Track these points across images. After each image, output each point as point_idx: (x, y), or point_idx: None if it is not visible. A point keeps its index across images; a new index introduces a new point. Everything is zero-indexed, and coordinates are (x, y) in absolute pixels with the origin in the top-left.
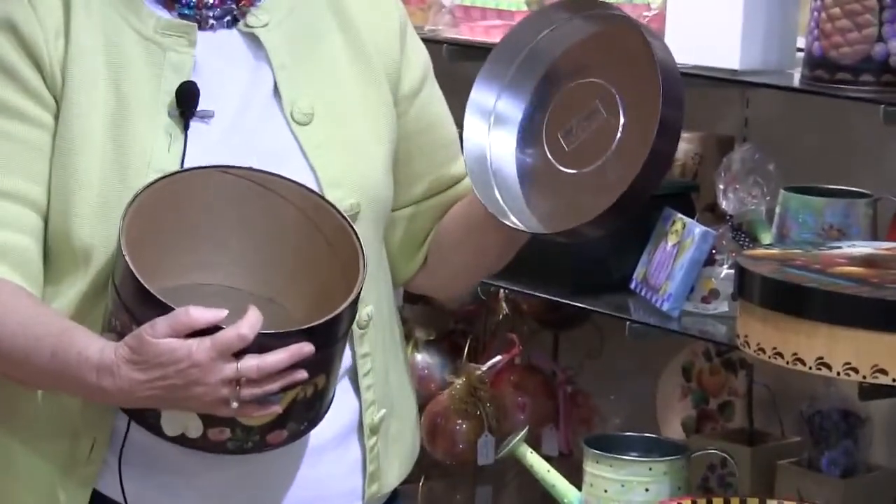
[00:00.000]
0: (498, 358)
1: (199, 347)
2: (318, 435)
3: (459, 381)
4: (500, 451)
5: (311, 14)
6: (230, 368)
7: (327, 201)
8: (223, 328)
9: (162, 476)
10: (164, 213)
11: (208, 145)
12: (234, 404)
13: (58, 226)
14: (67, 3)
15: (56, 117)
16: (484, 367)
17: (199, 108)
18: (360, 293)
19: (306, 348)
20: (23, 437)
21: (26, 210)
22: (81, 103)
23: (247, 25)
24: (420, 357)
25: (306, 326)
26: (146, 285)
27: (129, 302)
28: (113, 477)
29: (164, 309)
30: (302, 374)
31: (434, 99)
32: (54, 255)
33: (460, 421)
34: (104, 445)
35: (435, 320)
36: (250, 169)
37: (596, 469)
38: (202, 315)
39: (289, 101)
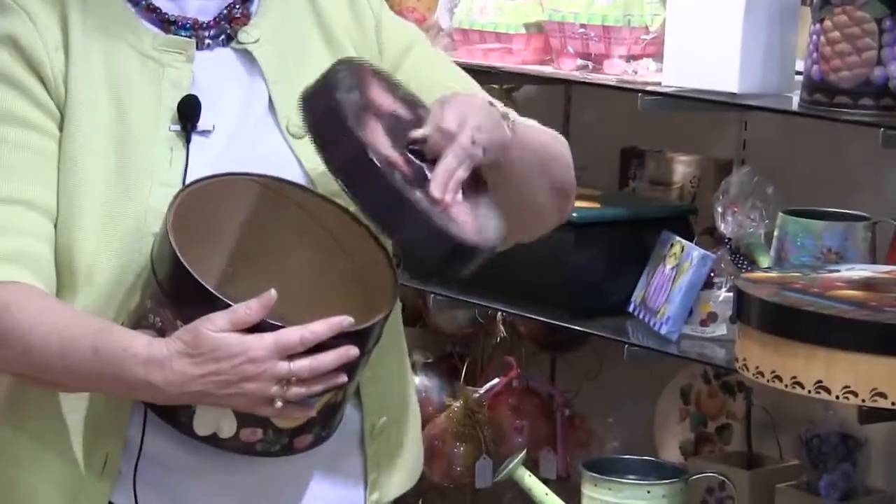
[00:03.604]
0: (496, 381)
1: (259, 344)
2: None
3: (457, 404)
4: (497, 474)
5: (298, 30)
6: (283, 367)
7: (347, 210)
8: (280, 327)
9: (175, 485)
10: (185, 222)
11: (209, 158)
12: (279, 403)
13: (62, 240)
14: (64, 19)
15: (60, 129)
16: (482, 390)
17: (198, 123)
18: (394, 303)
19: (352, 351)
20: (36, 449)
21: (42, 218)
22: (83, 117)
23: (239, 42)
24: (418, 380)
25: (353, 329)
26: (205, 284)
27: (178, 299)
28: (126, 488)
29: (219, 305)
30: (343, 378)
31: (425, 64)
32: (56, 270)
33: (458, 444)
34: (117, 459)
35: (432, 343)
36: (277, 178)
37: (594, 492)
38: (259, 312)
39: (283, 115)
